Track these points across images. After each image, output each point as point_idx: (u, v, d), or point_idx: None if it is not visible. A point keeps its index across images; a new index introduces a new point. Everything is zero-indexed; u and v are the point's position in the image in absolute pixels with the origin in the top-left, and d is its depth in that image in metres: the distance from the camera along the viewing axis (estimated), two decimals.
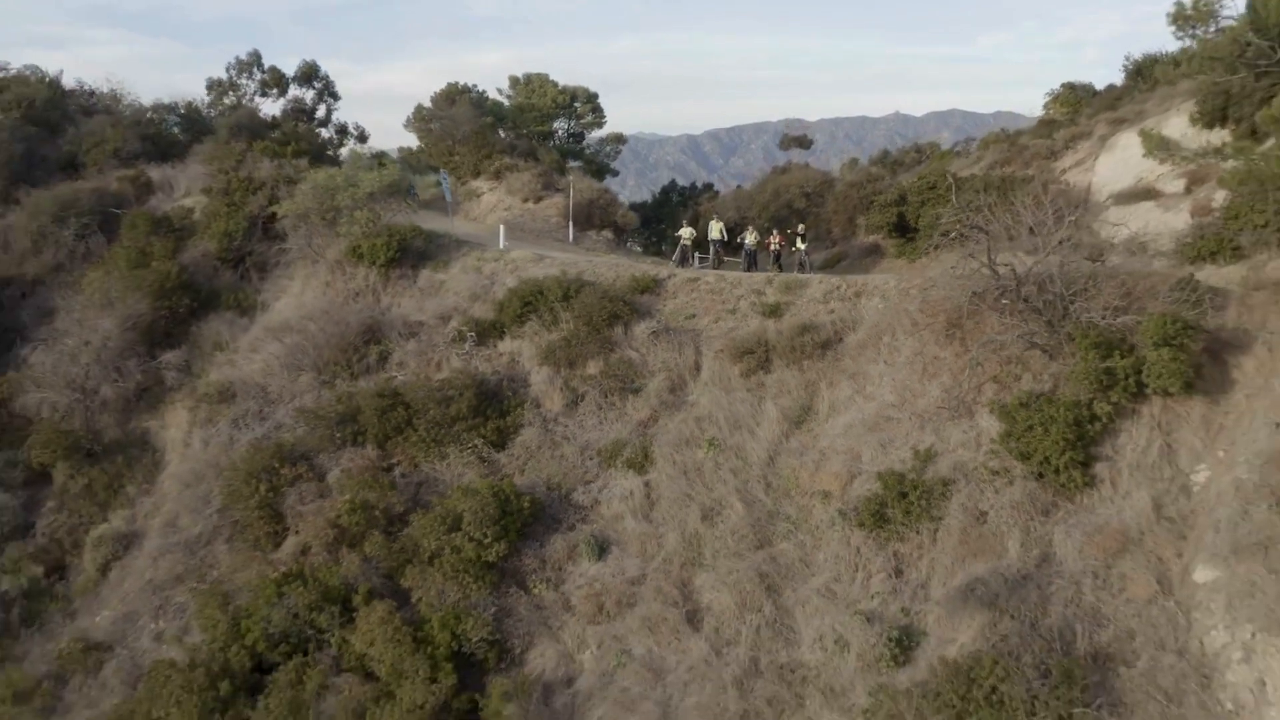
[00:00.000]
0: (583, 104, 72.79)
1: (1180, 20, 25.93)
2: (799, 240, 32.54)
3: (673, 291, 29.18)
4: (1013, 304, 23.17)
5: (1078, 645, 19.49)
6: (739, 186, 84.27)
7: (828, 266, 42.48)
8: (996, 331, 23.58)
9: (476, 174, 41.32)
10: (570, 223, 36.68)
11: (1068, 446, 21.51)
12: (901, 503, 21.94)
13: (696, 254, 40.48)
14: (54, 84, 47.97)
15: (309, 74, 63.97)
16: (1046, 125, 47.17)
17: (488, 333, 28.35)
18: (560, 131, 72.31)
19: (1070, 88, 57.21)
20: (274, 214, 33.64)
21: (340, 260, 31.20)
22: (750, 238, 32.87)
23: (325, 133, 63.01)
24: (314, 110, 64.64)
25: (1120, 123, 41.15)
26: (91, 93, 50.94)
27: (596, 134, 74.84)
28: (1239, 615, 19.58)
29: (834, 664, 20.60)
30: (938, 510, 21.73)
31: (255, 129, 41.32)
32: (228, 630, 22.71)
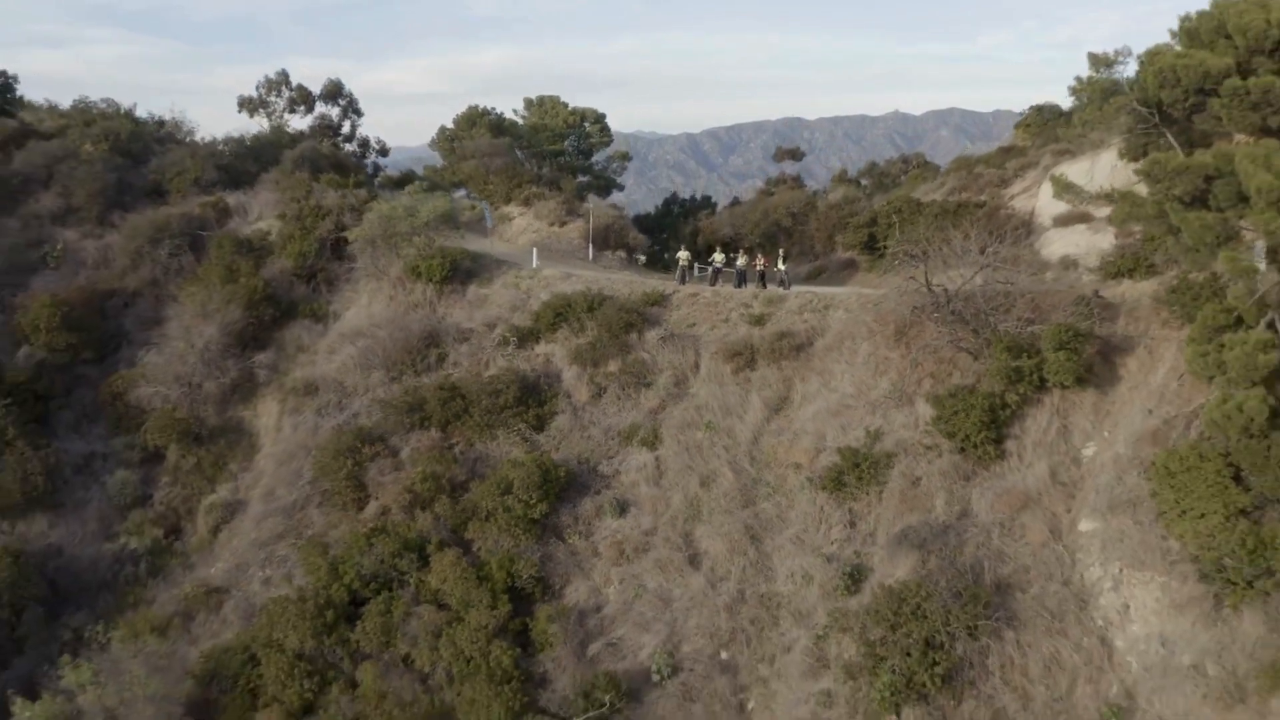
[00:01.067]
0: (591, 124, 78.41)
1: (1079, 92, 31.50)
2: (780, 261, 38.15)
3: (677, 304, 34.92)
4: (944, 316, 28.86)
5: (985, 576, 25.20)
6: (735, 200, 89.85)
7: (810, 278, 48.09)
8: (933, 338, 29.27)
9: (508, 200, 46.86)
10: (590, 244, 42.33)
11: (984, 427, 27.24)
12: (855, 471, 27.66)
13: (696, 264, 46.10)
14: (132, 116, 53.63)
15: (334, 91, 69.23)
16: (1003, 153, 52.68)
17: (526, 338, 34.09)
18: (570, 149, 77.90)
19: (1038, 110, 62.27)
20: (341, 237, 39.32)
21: (401, 277, 36.86)
22: (741, 260, 38.49)
23: (350, 146, 68.60)
24: (340, 126, 70.09)
25: (1064, 153, 46.53)
26: (161, 122, 56.53)
27: (604, 152, 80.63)
28: (1111, 555, 25.36)
29: (802, 593, 26.34)
30: (883, 477, 27.48)
31: (315, 161, 46.84)
32: (328, 573, 28.35)
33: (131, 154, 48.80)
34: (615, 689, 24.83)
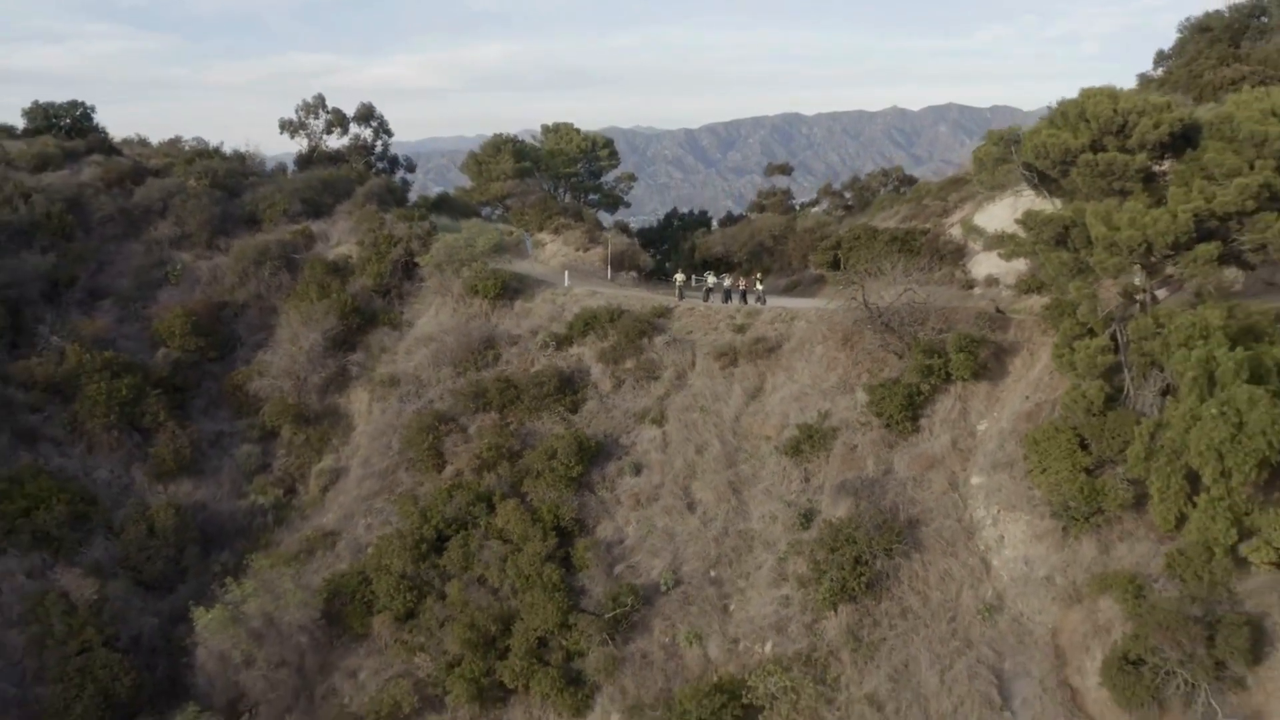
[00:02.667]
0: (601, 149, 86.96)
1: (978, 164, 40.08)
2: (758, 283, 46.72)
3: (678, 316, 43.50)
4: (877, 327, 37.44)
5: (900, 515, 33.76)
6: (729, 215, 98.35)
7: (788, 290, 56.63)
8: (869, 343, 37.83)
9: (541, 229, 55.37)
10: (609, 266, 50.94)
11: (904, 409, 35.79)
12: (810, 441, 36.25)
13: (694, 277, 54.60)
14: (222, 154, 62.21)
15: (367, 114, 77.32)
16: (949, 184, 61.08)
17: (563, 341, 42.65)
18: (583, 171, 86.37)
19: (997, 138, 70.43)
20: (411, 261, 47.97)
21: (462, 293, 45.38)
22: (728, 281, 47.14)
23: (381, 165, 76.45)
24: (373, 146, 78.17)
25: (997, 188, 55.00)
26: (243, 158, 64.92)
27: (613, 173, 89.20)
28: (991, 501, 33.91)
29: (770, 529, 34.97)
30: (830, 445, 36.07)
31: (381, 195, 55.40)
32: (419, 517, 36.94)
33: (227, 188, 57.19)
34: (634, 595, 33.48)
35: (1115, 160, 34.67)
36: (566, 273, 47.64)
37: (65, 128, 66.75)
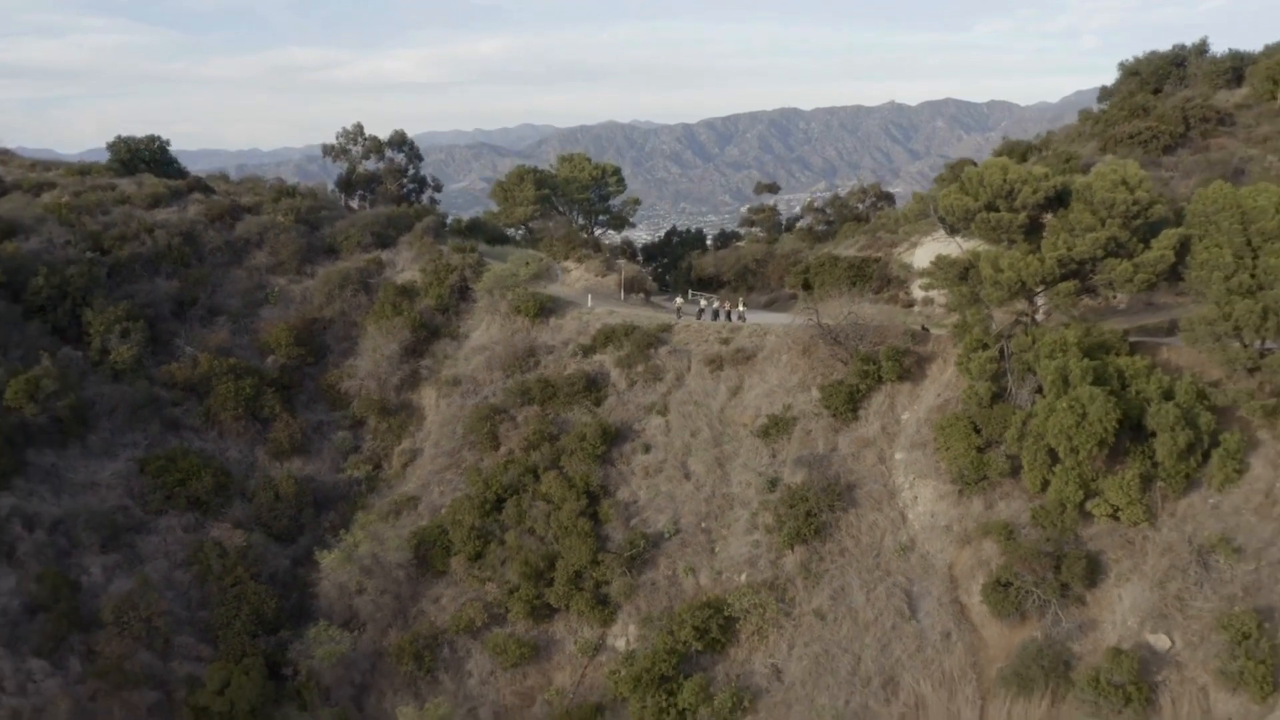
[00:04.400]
0: (610, 176, 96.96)
1: (903, 217, 50.34)
2: (739, 305, 57.16)
3: (677, 331, 53.70)
4: (828, 340, 47.79)
5: (841, 482, 43.89)
6: (722, 233, 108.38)
7: (767, 306, 66.92)
8: (822, 353, 48.08)
9: (566, 258, 65.62)
10: (622, 289, 61.33)
11: (847, 403, 45.95)
12: (776, 427, 46.47)
13: (690, 292, 64.90)
14: (299, 191, 72.43)
15: (399, 140, 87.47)
16: (900, 220, 71.14)
17: (588, 350, 52.71)
18: (594, 196, 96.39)
19: (920, 199, 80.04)
20: (465, 286, 58.34)
21: (508, 312, 55.76)
22: (716, 303, 57.60)
23: (411, 185, 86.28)
24: (406, 169, 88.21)
25: (935, 225, 65.11)
26: (315, 193, 75.03)
27: (620, 198, 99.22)
28: (910, 471, 44.12)
29: (746, 492, 45.23)
30: (791, 430, 46.30)
31: (436, 230, 65.68)
32: (482, 485, 47.16)
33: (308, 222, 67.19)
34: (645, 540, 43.76)
35: (1003, 218, 44.84)
36: (589, 296, 58.03)
37: (145, 158, 76.82)
